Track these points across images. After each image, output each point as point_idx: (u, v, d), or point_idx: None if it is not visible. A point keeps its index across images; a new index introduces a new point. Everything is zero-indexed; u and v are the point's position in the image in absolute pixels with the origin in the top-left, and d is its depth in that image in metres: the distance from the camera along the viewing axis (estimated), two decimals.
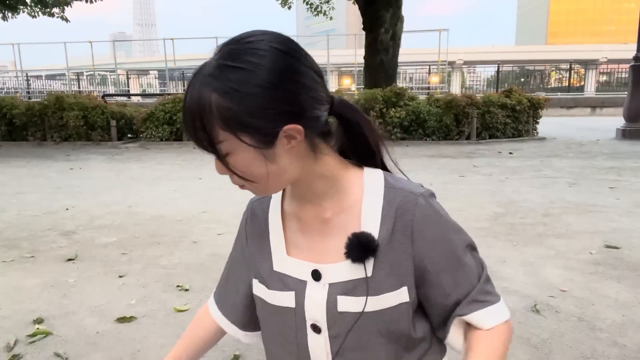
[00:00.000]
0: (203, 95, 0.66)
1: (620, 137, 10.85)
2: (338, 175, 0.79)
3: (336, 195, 0.78)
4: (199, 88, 0.67)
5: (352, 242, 0.74)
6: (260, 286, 0.85)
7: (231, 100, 0.66)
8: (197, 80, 0.68)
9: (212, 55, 0.69)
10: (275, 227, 0.85)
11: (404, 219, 0.76)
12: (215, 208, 4.72)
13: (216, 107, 0.66)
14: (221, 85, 0.66)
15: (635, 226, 3.96)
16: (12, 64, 28.67)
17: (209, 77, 0.67)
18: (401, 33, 12.03)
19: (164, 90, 23.90)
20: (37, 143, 10.84)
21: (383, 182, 0.79)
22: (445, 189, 5.41)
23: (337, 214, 0.78)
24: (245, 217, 0.92)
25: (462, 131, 10.35)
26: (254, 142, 0.68)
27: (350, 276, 0.76)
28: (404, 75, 25.92)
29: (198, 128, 0.68)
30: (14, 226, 4.21)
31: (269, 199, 0.88)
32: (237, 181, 0.75)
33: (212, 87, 0.66)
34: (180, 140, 10.63)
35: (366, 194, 0.78)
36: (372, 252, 0.74)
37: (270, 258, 0.84)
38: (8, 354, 2.12)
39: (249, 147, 0.68)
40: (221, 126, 0.67)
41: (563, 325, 2.34)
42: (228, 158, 0.70)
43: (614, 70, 26.88)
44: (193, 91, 0.68)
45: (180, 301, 2.67)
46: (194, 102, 0.67)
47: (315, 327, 0.79)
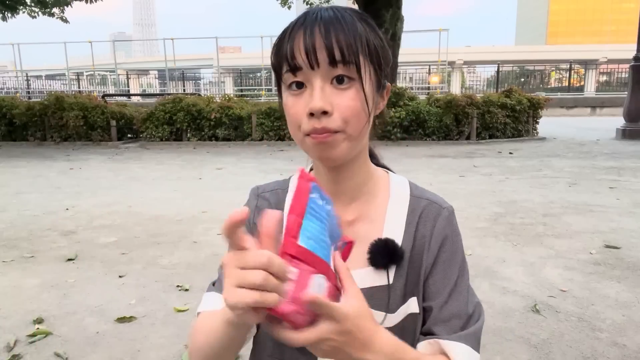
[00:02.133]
0: (358, 21, 0.69)
1: (620, 137, 10.84)
2: (372, 172, 0.79)
3: (365, 197, 0.77)
4: (351, 14, 0.69)
5: (377, 247, 0.72)
6: None
7: (376, 36, 0.70)
8: (341, 10, 0.69)
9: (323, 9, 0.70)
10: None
11: (424, 227, 0.75)
12: (215, 208, 4.72)
13: (366, 35, 0.68)
14: (369, 21, 0.71)
15: (635, 226, 3.96)
16: (12, 64, 28.67)
17: (355, 12, 0.70)
18: (401, 33, 12.04)
19: (164, 90, 23.88)
20: (37, 143, 10.84)
21: (409, 191, 0.78)
22: (445, 189, 5.40)
23: (361, 218, 0.77)
24: (254, 203, 0.84)
25: (462, 131, 10.35)
26: (376, 80, 0.70)
27: (371, 283, 0.72)
28: (404, 75, 25.93)
29: (352, 43, 0.66)
30: (14, 226, 4.21)
31: (285, 192, 0.82)
32: (337, 120, 0.67)
33: (363, 20, 0.70)
34: (180, 140, 10.64)
35: (392, 200, 0.77)
36: (398, 259, 0.72)
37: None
38: (8, 354, 2.12)
39: (372, 83, 0.70)
40: (364, 54, 0.67)
41: (563, 325, 2.34)
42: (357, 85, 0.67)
43: (614, 70, 26.88)
44: (346, 14, 0.69)
45: (180, 301, 2.67)
46: (351, 22, 0.67)
47: None
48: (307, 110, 0.66)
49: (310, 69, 0.66)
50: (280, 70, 0.70)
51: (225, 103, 10.72)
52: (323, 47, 0.66)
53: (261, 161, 7.94)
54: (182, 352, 2.15)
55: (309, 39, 0.66)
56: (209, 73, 32.71)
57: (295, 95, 0.69)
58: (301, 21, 0.68)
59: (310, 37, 0.66)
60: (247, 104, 11.22)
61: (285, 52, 0.68)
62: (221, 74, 27.42)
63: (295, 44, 0.67)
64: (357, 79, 0.67)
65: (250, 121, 10.42)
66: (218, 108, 10.35)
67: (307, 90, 0.68)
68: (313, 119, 0.66)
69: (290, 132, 0.73)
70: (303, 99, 0.68)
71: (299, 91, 0.68)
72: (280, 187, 0.86)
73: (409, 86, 21.04)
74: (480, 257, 3.28)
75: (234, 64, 32.34)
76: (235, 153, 9.04)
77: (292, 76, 0.68)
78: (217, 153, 9.10)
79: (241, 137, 10.57)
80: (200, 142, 10.41)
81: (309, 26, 0.67)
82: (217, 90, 23.87)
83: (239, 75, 29.17)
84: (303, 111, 0.67)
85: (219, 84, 26.47)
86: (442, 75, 23.47)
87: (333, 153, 0.69)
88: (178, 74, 25.70)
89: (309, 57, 0.66)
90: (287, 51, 0.67)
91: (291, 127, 0.71)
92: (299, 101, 0.68)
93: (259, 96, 21.51)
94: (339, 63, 0.66)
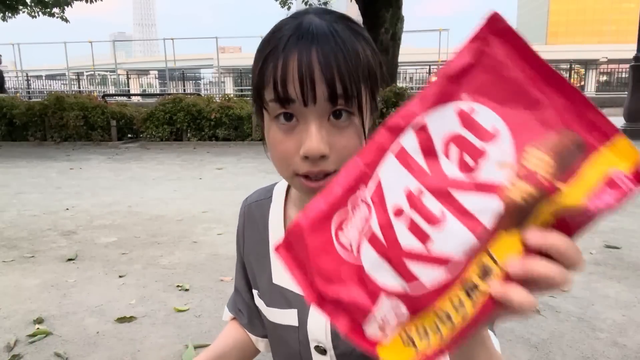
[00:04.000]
0: (358, 43, 0.59)
1: None
2: None
3: None
4: (351, 34, 0.58)
5: None
6: (260, 301, 0.80)
7: (375, 56, 0.61)
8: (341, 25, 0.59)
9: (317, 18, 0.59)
10: (276, 236, 0.78)
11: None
12: (215, 208, 4.72)
13: (366, 58, 0.59)
14: (368, 39, 0.61)
15: (635, 226, 3.96)
16: (12, 64, 28.69)
17: (353, 26, 0.60)
18: (401, 33, 12.04)
19: (164, 90, 23.90)
20: (37, 143, 10.84)
21: None
22: None
23: None
24: (242, 222, 0.85)
25: None
26: (371, 106, 0.63)
27: None
28: (404, 75, 25.93)
29: (352, 76, 0.56)
30: (14, 226, 4.21)
31: (269, 203, 0.81)
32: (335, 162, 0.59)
33: (362, 38, 0.60)
34: (180, 140, 10.64)
35: None
36: None
37: (269, 269, 0.77)
38: (8, 354, 2.13)
39: (370, 112, 0.62)
40: (366, 81, 0.59)
41: (563, 325, 2.34)
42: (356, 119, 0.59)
43: (614, 70, 26.88)
44: (345, 35, 0.57)
45: (180, 301, 2.67)
46: (351, 47, 0.57)
47: (319, 348, 0.73)
48: (302, 153, 0.58)
49: (304, 105, 0.57)
50: (263, 92, 0.60)
51: (225, 103, 10.72)
52: (322, 80, 0.55)
53: (261, 161, 7.94)
54: (182, 352, 2.15)
55: (306, 66, 0.55)
56: (209, 73, 32.70)
57: (284, 130, 0.60)
58: (295, 37, 0.57)
59: (306, 64, 0.55)
60: (247, 104, 11.21)
61: (275, 77, 0.57)
62: (221, 74, 27.42)
63: (288, 69, 0.56)
64: (357, 113, 0.59)
65: (250, 121, 10.43)
66: (218, 108, 10.35)
67: (299, 125, 0.59)
68: (308, 162, 0.59)
69: (276, 167, 0.64)
70: (294, 137, 0.59)
71: (288, 124, 0.59)
72: (264, 197, 0.83)
73: (409, 86, 21.06)
74: None
75: (234, 64, 32.36)
76: (235, 153, 9.04)
77: (281, 107, 0.58)
78: (217, 153, 9.11)
79: (241, 137, 10.57)
80: (200, 142, 10.41)
81: (304, 48, 0.56)
82: (217, 90, 23.88)
83: (239, 75, 29.17)
84: (294, 151, 0.59)
85: (219, 84, 26.48)
86: None
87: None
88: (178, 74, 25.71)
89: (304, 91, 0.55)
90: (278, 77, 0.56)
91: (278, 165, 0.63)
92: (289, 138, 0.59)
93: None
94: (340, 98, 0.57)
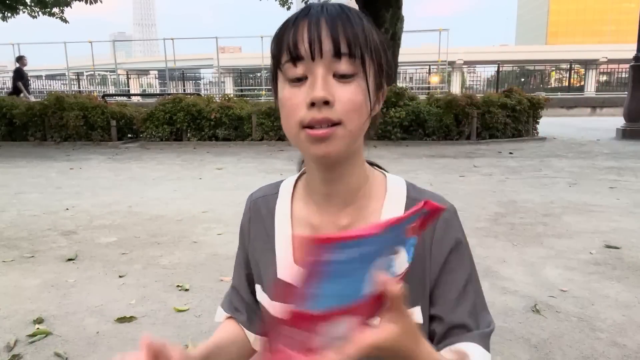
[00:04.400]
0: (364, 19, 0.68)
1: (620, 137, 10.84)
2: (367, 174, 0.75)
3: (359, 201, 0.74)
4: (358, 14, 0.68)
5: None
6: (263, 295, 0.80)
7: (379, 35, 0.70)
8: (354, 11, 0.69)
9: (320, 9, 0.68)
10: (282, 231, 0.79)
11: (424, 233, 0.70)
12: (215, 208, 4.72)
13: (371, 33, 0.67)
14: (371, 21, 0.70)
15: (635, 226, 3.95)
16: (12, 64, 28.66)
17: (358, 12, 0.69)
18: (401, 33, 12.03)
19: (164, 90, 23.89)
20: (37, 143, 10.84)
21: (406, 192, 0.75)
22: (445, 189, 5.40)
23: (355, 222, 0.74)
24: (247, 216, 0.86)
25: (462, 131, 10.35)
26: (377, 79, 0.69)
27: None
28: (404, 75, 25.95)
29: (359, 37, 0.65)
30: (14, 226, 4.21)
31: (275, 199, 0.82)
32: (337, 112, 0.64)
33: (367, 19, 0.69)
34: (180, 140, 10.64)
35: (387, 203, 0.74)
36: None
37: (275, 264, 0.78)
38: (8, 354, 2.12)
39: (373, 82, 0.68)
40: (368, 50, 0.66)
41: (563, 325, 2.34)
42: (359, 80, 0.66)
43: (614, 70, 26.88)
44: (353, 11, 0.68)
45: (180, 301, 2.67)
46: (358, 18, 0.67)
47: None
48: (308, 99, 0.64)
49: (312, 60, 0.64)
50: (280, 58, 0.67)
51: (225, 103, 10.71)
52: (329, 37, 0.64)
53: (261, 161, 7.94)
54: None
55: (314, 28, 0.64)
56: (209, 73, 32.73)
57: (294, 87, 0.66)
58: (305, 12, 0.67)
59: (315, 27, 0.64)
60: (247, 104, 11.22)
61: (287, 40, 0.65)
62: (221, 74, 27.43)
63: (299, 32, 0.65)
64: (361, 73, 0.65)
65: (250, 121, 10.42)
66: (218, 108, 10.35)
67: (307, 82, 0.65)
68: (313, 109, 0.64)
69: (284, 126, 0.69)
70: (302, 91, 0.65)
71: (298, 83, 0.66)
72: (270, 193, 0.84)
73: (409, 86, 21.06)
74: (480, 257, 3.28)
75: (234, 64, 32.36)
76: (235, 153, 9.04)
77: (293, 67, 0.65)
78: (217, 153, 9.10)
79: (241, 137, 10.56)
80: (200, 142, 10.41)
81: (314, 16, 0.65)
82: (217, 90, 23.90)
83: (239, 75, 29.19)
84: (302, 102, 0.65)
85: (219, 84, 26.50)
86: (442, 75, 23.47)
87: (329, 147, 0.65)
88: (178, 74, 25.70)
89: (312, 46, 0.63)
90: (290, 39, 0.65)
91: (286, 120, 0.68)
92: (298, 93, 0.66)
93: (259, 96, 21.51)
94: (344, 56, 0.64)
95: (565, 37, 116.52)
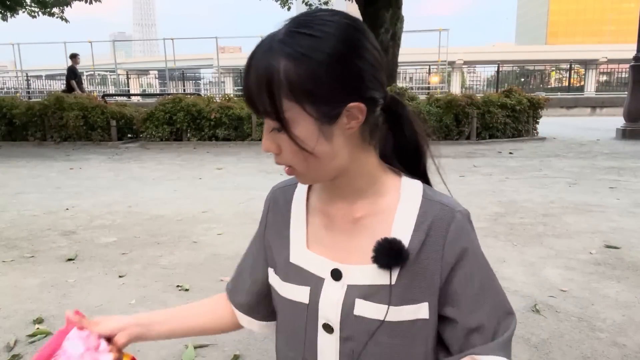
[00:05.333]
0: (272, 62, 0.64)
1: (620, 137, 10.84)
2: (378, 177, 0.76)
3: (372, 197, 0.75)
4: (267, 53, 0.65)
5: (382, 247, 0.70)
6: (275, 277, 0.82)
7: (300, 67, 0.63)
8: (265, 46, 0.66)
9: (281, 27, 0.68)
10: (297, 218, 0.81)
11: (437, 232, 0.72)
12: (215, 208, 4.72)
13: (285, 73, 0.63)
14: (291, 51, 0.64)
15: (635, 226, 3.96)
16: (12, 64, 28.69)
17: (279, 42, 0.65)
18: (401, 33, 12.05)
19: (164, 90, 23.88)
20: (37, 143, 10.84)
21: (421, 193, 0.76)
22: (445, 189, 5.39)
23: (369, 215, 0.75)
24: (267, 205, 0.88)
25: (462, 131, 10.35)
26: (318, 114, 0.65)
27: (373, 281, 0.72)
28: (404, 75, 25.95)
29: (264, 94, 0.65)
30: (14, 226, 4.21)
31: (294, 188, 0.84)
32: (285, 159, 0.70)
33: (283, 53, 0.64)
34: (180, 140, 10.63)
35: (402, 201, 0.74)
36: (402, 261, 0.70)
37: (288, 248, 0.81)
38: (8, 354, 2.12)
39: (311, 120, 0.65)
40: (287, 94, 0.64)
41: (563, 325, 2.34)
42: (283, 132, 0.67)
43: (614, 70, 26.87)
44: (260, 56, 0.66)
45: (180, 301, 2.66)
46: (262, 68, 0.65)
47: (327, 326, 0.75)
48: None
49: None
50: None
51: (225, 103, 10.71)
52: (248, 99, 0.69)
53: (261, 161, 7.94)
54: (182, 352, 2.15)
55: (244, 86, 0.69)
56: (209, 73, 32.71)
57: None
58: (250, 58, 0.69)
59: (245, 85, 0.68)
60: None
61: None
62: (221, 74, 27.41)
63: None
64: (281, 127, 0.67)
65: (250, 121, 10.42)
66: (218, 108, 10.35)
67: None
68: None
69: None
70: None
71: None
72: (290, 183, 0.87)
73: (409, 86, 21.05)
74: None
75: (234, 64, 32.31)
76: (235, 153, 9.04)
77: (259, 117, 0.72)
78: (217, 153, 9.11)
79: (241, 137, 10.56)
80: (200, 142, 10.41)
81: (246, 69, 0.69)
82: (217, 90, 23.88)
83: (239, 75, 29.14)
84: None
85: (219, 84, 26.49)
86: (442, 75, 23.46)
87: (303, 181, 0.75)
88: (178, 74, 25.69)
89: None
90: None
91: None
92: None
93: None
94: (262, 114, 0.68)
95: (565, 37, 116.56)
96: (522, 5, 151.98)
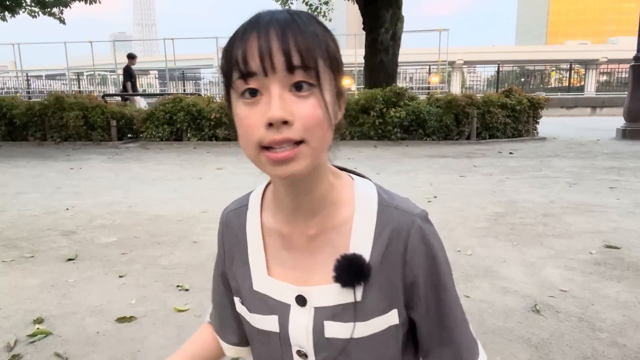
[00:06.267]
0: (313, 23, 0.64)
1: (620, 137, 10.84)
2: (334, 183, 0.73)
3: (328, 209, 0.72)
4: (304, 14, 0.64)
5: (342, 265, 0.69)
6: (242, 307, 0.80)
7: (333, 43, 0.66)
8: (293, 11, 0.65)
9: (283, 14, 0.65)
10: (254, 243, 0.78)
11: (398, 241, 0.70)
12: (215, 208, 4.72)
13: (323, 36, 0.64)
14: (323, 25, 0.66)
15: (635, 226, 3.95)
16: (12, 64, 28.67)
17: (308, 15, 0.65)
18: (401, 33, 12.04)
19: (164, 90, 23.89)
20: (37, 143, 10.84)
21: (376, 199, 0.73)
22: (445, 189, 5.40)
23: (325, 231, 0.72)
24: (221, 230, 0.86)
25: (462, 131, 10.35)
26: (336, 87, 0.66)
27: (338, 300, 0.71)
28: (404, 75, 25.96)
29: (311, 47, 0.61)
30: (14, 226, 4.21)
31: (245, 211, 0.82)
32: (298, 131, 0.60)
33: (317, 22, 0.65)
34: (180, 140, 10.63)
35: (357, 211, 0.72)
36: (364, 277, 0.69)
37: (249, 276, 0.78)
38: (8, 354, 2.12)
39: (333, 91, 0.65)
40: (323, 57, 0.63)
41: (563, 325, 2.34)
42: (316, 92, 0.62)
43: (614, 70, 26.88)
44: (300, 13, 0.64)
45: (180, 301, 2.67)
46: (306, 23, 0.63)
47: (300, 352, 0.74)
48: (265, 120, 0.60)
49: (264, 76, 0.60)
50: (230, 75, 0.64)
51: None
52: (280, 51, 0.59)
53: None
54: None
55: (264, 41, 0.60)
56: (209, 73, 32.70)
57: (248, 105, 0.62)
58: (254, 22, 0.62)
59: (265, 40, 0.60)
60: None
61: (237, 55, 0.61)
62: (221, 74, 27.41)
63: (249, 46, 0.60)
64: (317, 85, 0.61)
65: None
66: (218, 108, 10.35)
67: (262, 98, 0.61)
68: (272, 130, 0.60)
69: (242, 146, 0.65)
70: (258, 109, 0.61)
71: (252, 99, 0.62)
72: (240, 205, 0.84)
73: (409, 86, 21.04)
74: (480, 257, 3.28)
75: None
76: (235, 153, 9.04)
77: (244, 83, 0.61)
78: (217, 153, 9.11)
79: None
80: (200, 142, 10.41)
81: (263, 27, 0.61)
82: (217, 90, 23.88)
83: None
84: (259, 122, 0.60)
85: (219, 84, 26.44)
86: (442, 75, 23.45)
87: (294, 168, 0.62)
88: (178, 74, 25.69)
89: (264, 62, 0.59)
90: (239, 55, 0.61)
91: (244, 141, 0.64)
92: (253, 111, 0.61)
93: None
94: (297, 69, 0.60)
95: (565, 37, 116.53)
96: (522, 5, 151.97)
